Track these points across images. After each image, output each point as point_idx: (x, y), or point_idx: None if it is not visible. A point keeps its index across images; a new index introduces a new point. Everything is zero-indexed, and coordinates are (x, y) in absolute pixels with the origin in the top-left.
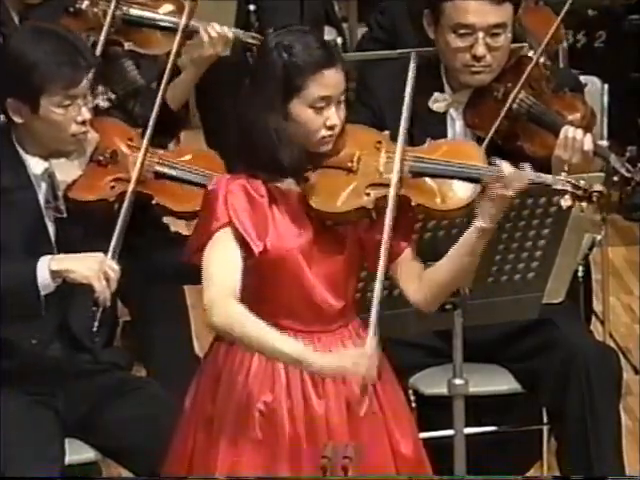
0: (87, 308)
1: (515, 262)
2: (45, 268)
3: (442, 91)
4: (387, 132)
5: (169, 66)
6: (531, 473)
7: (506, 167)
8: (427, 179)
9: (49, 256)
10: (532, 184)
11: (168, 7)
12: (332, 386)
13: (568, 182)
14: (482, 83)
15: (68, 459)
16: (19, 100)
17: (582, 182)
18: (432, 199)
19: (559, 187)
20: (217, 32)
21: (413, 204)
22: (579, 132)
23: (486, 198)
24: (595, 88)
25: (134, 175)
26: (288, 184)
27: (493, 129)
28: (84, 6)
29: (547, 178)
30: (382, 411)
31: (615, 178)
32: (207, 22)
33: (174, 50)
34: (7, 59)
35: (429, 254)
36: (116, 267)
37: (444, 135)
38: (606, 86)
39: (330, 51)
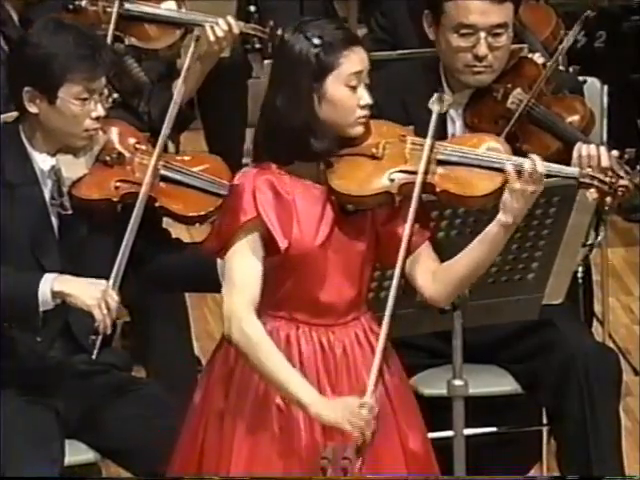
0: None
1: (515, 263)
2: (47, 286)
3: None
4: (412, 127)
5: (181, 79)
6: (531, 473)
7: (535, 159)
8: (452, 167)
9: (54, 274)
10: (555, 176)
11: (170, 4)
12: (346, 382)
13: (594, 177)
14: (483, 83)
15: (68, 459)
16: (37, 90)
17: (608, 178)
18: (456, 186)
19: (586, 181)
20: (222, 29)
21: (438, 190)
22: (592, 148)
23: (508, 191)
24: (595, 89)
25: (144, 185)
26: (310, 175)
27: (502, 136)
28: (83, 3)
29: (574, 172)
30: (392, 406)
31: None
32: (212, 17)
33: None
34: (28, 49)
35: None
36: (116, 297)
37: (444, 136)
38: (606, 87)
39: (352, 31)
